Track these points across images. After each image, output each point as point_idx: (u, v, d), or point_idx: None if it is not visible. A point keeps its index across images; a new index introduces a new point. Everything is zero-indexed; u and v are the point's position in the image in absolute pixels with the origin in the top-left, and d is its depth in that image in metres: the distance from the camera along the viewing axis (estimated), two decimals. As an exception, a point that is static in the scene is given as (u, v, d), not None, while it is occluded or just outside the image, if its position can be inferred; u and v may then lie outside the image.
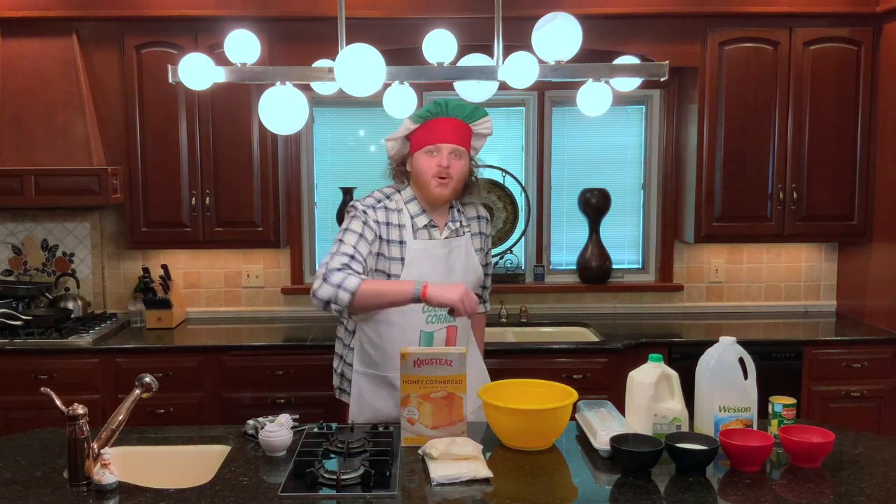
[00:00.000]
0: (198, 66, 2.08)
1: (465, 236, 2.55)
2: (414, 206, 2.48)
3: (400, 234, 2.44)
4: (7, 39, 3.71)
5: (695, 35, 3.80)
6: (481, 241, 2.62)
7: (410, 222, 2.46)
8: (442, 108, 2.43)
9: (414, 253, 2.44)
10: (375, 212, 2.43)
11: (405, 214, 2.47)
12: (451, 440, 2.05)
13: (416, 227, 2.46)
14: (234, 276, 4.17)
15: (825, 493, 1.85)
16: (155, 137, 3.77)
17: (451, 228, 2.52)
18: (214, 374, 3.58)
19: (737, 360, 2.11)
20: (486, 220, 2.65)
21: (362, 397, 2.53)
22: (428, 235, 2.48)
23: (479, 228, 2.61)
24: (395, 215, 2.46)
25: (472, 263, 2.55)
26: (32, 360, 3.51)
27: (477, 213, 2.63)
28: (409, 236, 2.45)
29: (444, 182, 2.42)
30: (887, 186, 3.79)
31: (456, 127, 2.44)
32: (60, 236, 4.11)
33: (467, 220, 2.58)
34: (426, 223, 2.48)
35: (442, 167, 2.40)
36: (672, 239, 4.24)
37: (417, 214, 2.48)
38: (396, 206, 2.48)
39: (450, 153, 2.41)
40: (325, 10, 3.63)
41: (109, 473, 1.87)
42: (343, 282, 2.25)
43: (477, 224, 2.61)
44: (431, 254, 2.46)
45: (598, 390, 3.48)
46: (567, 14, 2.00)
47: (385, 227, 2.43)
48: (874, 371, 3.67)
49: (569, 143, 4.27)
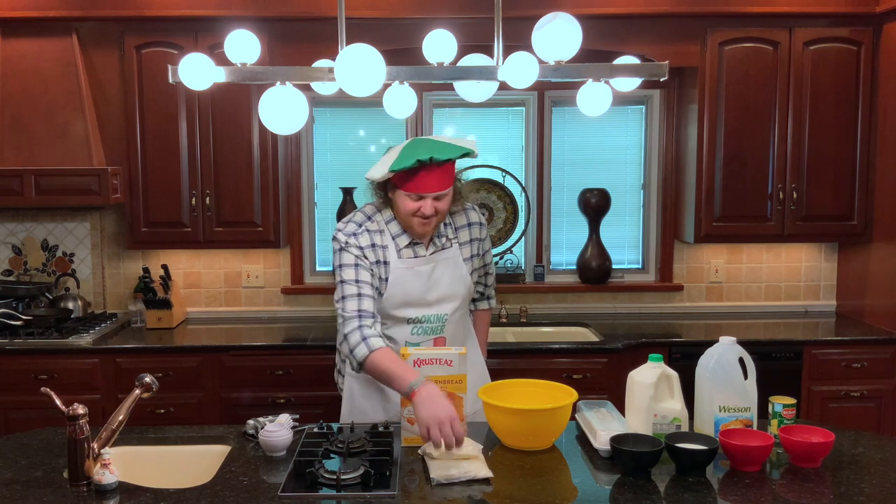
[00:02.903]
0: (198, 66, 2.08)
1: (452, 248, 2.51)
2: (395, 227, 2.45)
3: (384, 254, 2.42)
4: (7, 39, 3.71)
5: (695, 35, 3.80)
6: (476, 248, 2.57)
7: (393, 243, 2.44)
8: (425, 164, 2.28)
9: (397, 273, 2.42)
10: (357, 238, 2.40)
11: (387, 235, 2.44)
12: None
13: (399, 247, 2.44)
14: (234, 276, 4.17)
15: (825, 493, 1.85)
16: (155, 137, 3.77)
17: (437, 245, 2.48)
18: (214, 374, 3.58)
19: (737, 360, 2.11)
20: (478, 224, 2.58)
21: (353, 398, 2.55)
22: (413, 253, 2.45)
23: (470, 236, 2.55)
24: (377, 236, 2.43)
25: (459, 274, 2.51)
26: (32, 360, 3.51)
27: (468, 221, 2.56)
28: (393, 256, 2.43)
29: (428, 222, 2.37)
30: (887, 186, 3.79)
31: (442, 173, 2.32)
32: (60, 236, 4.11)
33: (455, 232, 2.53)
34: (409, 242, 2.44)
35: (426, 216, 2.34)
36: (672, 239, 4.24)
37: (399, 234, 2.44)
38: (378, 227, 2.44)
39: (434, 198, 2.34)
40: (325, 10, 3.63)
41: (109, 473, 1.87)
42: (355, 350, 2.27)
43: (468, 231, 2.55)
44: (415, 272, 2.44)
45: (598, 390, 3.48)
46: (567, 14, 2.01)
47: (370, 249, 2.41)
48: (874, 371, 3.67)
49: (569, 143, 4.27)
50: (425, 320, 2.47)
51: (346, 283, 2.36)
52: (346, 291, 2.35)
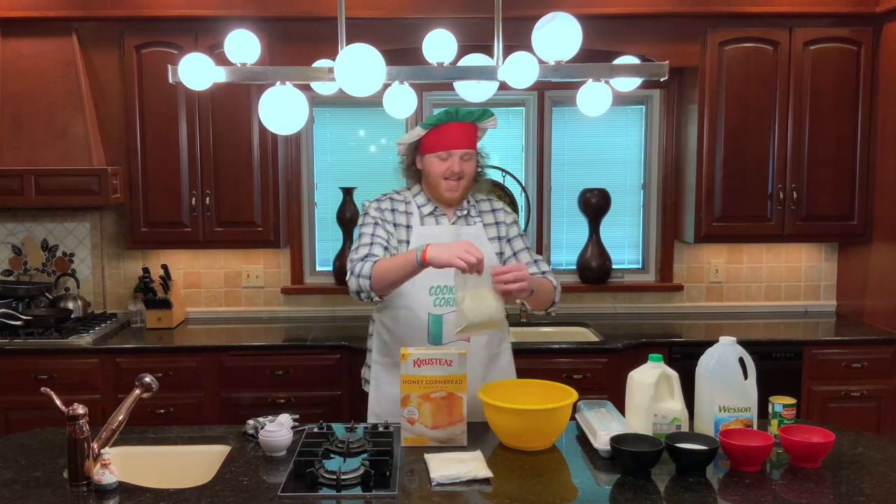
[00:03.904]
0: (198, 66, 2.08)
1: (476, 225, 2.58)
2: (421, 198, 2.58)
3: (407, 219, 2.54)
4: (7, 39, 3.71)
5: (695, 35, 3.80)
6: (502, 230, 2.61)
7: (417, 211, 2.56)
8: (452, 115, 2.47)
9: (419, 236, 2.50)
10: (380, 203, 2.56)
11: (412, 205, 2.57)
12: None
13: (422, 215, 2.55)
14: (234, 276, 4.17)
15: (825, 493, 1.85)
16: (155, 137, 3.77)
17: (459, 215, 2.57)
18: (214, 374, 3.58)
19: (737, 360, 2.11)
20: (503, 210, 2.66)
21: (380, 386, 2.59)
22: (435, 222, 2.55)
23: (495, 219, 2.62)
24: (401, 205, 2.57)
25: (483, 250, 2.49)
26: (32, 360, 3.51)
27: (492, 207, 2.64)
28: (416, 222, 2.54)
29: (456, 185, 2.49)
30: (887, 186, 3.79)
31: (466, 131, 2.49)
32: (60, 236, 4.11)
33: (479, 213, 2.61)
34: (432, 210, 2.55)
35: (454, 172, 2.47)
36: (672, 239, 4.24)
37: (424, 204, 2.57)
38: (403, 199, 2.58)
39: (461, 157, 2.48)
40: (325, 10, 3.63)
41: (109, 473, 1.87)
42: (361, 270, 2.35)
43: (492, 215, 2.62)
44: (437, 238, 2.49)
45: (598, 390, 3.48)
46: (567, 14, 2.00)
47: (391, 213, 2.53)
48: (874, 371, 3.67)
49: (569, 143, 4.27)
50: (448, 291, 2.46)
51: (363, 236, 2.48)
52: (360, 242, 2.46)
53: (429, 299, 2.47)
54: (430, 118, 2.50)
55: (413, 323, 2.48)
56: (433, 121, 2.48)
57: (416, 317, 2.48)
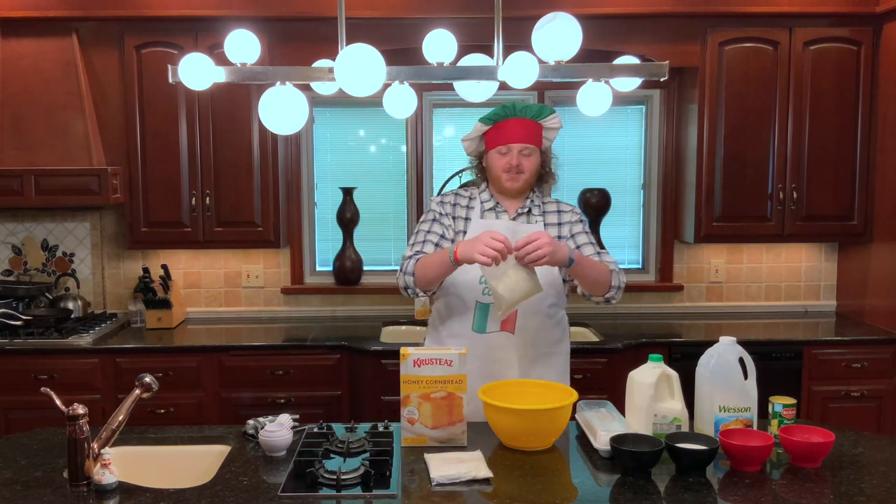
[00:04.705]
0: (198, 66, 2.08)
1: (536, 224, 2.57)
2: (486, 195, 2.62)
3: (467, 212, 2.59)
4: (7, 39, 3.71)
5: (695, 35, 3.80)
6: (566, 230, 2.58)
7: (480, 206, 2.60)
8: (510, 110, 2.51)
9: (475, 227, 2.53)
10: (444, 197, 2.63)
11: (476, 200, 2.62)
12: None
13: (483, 209, 2.59)
14: (234, 276, 4.17)
15: (825, 493, 1.85)
16: (155, 137, 3.77)
17: (521, 212, 2.58)
18: (214, 374, 3.58)
19: (737, 360, 2.11)
20: (569, 212, 2.63)
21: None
22: (495, 216, 2.58)
23: (559, 220, 2.61)
24: (465, 199, 2.62)
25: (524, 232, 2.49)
26: (32, 360, 3.51)
27: (558, 209, 2.64)
28: (476, 215, 2.58)
29: (516, 177, 2.52)
30: (887, 186, 3.79)
31: (525, 126, 2.51)
32: (60, 236, 4.11)
33: (543, 214, 2.61)
34: (494, 206, 2.59)
35: (512, 166, 2.50)
36: (672, 239, 4.24)
37: (487, 200, 2.61)
38: (469, 195, 2.64)
39: (519, 152, 2.51)
40: (325, 10, 3.63)
41: (109, 473, 1.87)
42: (406, 268, 2.45)
43: (556, 216, 2.61)
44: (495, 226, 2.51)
45: (598, 390, 3.48)
46: (567, 14, 2.00)
47: (453, 206, 2.60)
48: (874, 371, 3.67)
49: (569, 143, 4.27)
50: None
51: (418, 233, 2.56)
52: (415, 240, 2.55)
53: (478, 288, 2.50)
54: (488, 113, 2.53)
55: (461, 311, 2.52)
56: (492, 115, 2.52)
57: (464, 305, 2.52)
